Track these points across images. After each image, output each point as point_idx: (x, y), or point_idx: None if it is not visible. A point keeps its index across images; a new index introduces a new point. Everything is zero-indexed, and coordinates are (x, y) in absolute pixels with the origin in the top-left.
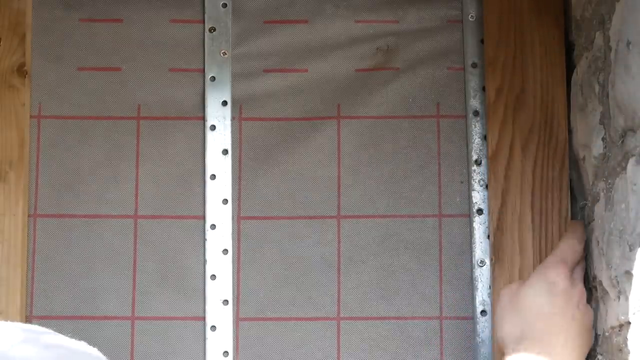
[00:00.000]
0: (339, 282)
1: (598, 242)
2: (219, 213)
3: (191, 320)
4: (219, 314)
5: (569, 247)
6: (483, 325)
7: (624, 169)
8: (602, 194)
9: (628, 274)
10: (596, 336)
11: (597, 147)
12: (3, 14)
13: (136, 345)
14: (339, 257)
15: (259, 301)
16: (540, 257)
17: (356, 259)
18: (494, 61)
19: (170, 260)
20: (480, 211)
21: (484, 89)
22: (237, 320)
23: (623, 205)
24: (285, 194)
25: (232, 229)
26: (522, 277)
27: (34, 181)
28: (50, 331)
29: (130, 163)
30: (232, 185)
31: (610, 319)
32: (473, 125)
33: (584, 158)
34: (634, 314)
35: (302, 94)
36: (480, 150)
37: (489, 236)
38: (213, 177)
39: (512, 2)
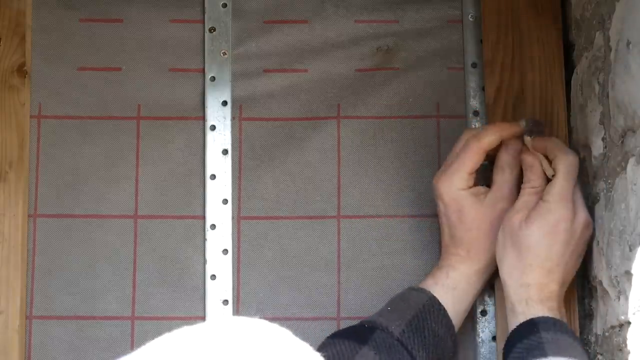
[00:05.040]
0: (339, 282)
1: (598, 242)
2: (219, 213)
3: (191, 320)
4: (219, 314)
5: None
6: (483, 325)
7: (624, 169)
8: (602, 194)
9: (628, 274)
10: (596, 336)
11: (597, 147)
12: (3, 14)
13: (136, 345)
14: (339, 257)
15: (259, 301)
16: None
17: (356, 259)
18: (492, 62)
19: (170, 260)
20: None
21: (483, 89)
22: None
23: (623, 205)
24: (285, 194)
25: (232, 229)
26: None
27: (34, 181)
28: None
29: (130, 163)
30: (232, 185)
31: (610, 319)
32: (473, 126)
33: (584, 158)
34: (634, 314)
35: (302, 94)
36: None
37: None
38: (213, 177)
39: (510, 3)
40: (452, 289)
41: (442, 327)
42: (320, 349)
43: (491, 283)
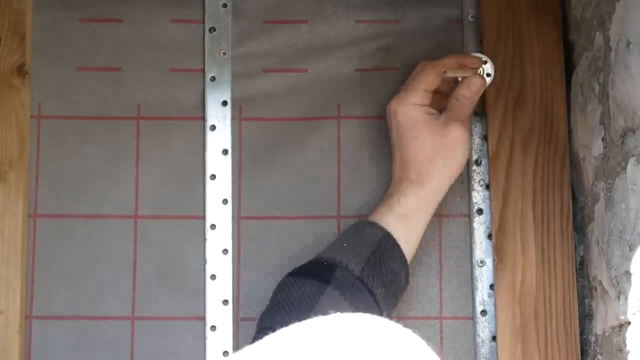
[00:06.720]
0: None
1: (598, 242)
2: (219, 213)
3: (191, 320)
4: (219, 314)
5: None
6: (483, 325)
7: (624, 169)
8: (602, 194)
9: (628, 274)
10: (596, 336)
11: (597, 147)
12: (3, 14)
13: (136, 345)
14: None
15: (259, 301)
16: (543, 256)
17: None
18: (492, 61)
19: (170, 260)
20: (480, 211)
21: None
22: (237, 320)
23: (623, 205)
24: (285, 194)
25: (232, 229)
26: (525, 277)
27: (34, 181)
28: None
29: (130, 163)
30: (232, 185)
31: (610, 319)
32: (473, 125)
33: (584, 158)
34: (634, 314)
35: (302, 94)
36: (480, 150)
37: (489, 236)
38: (213, 177)
39: (510, 3)
40: (404, 216)
41: (397, 262)
42: (281, 287)
43: (490, 283)
